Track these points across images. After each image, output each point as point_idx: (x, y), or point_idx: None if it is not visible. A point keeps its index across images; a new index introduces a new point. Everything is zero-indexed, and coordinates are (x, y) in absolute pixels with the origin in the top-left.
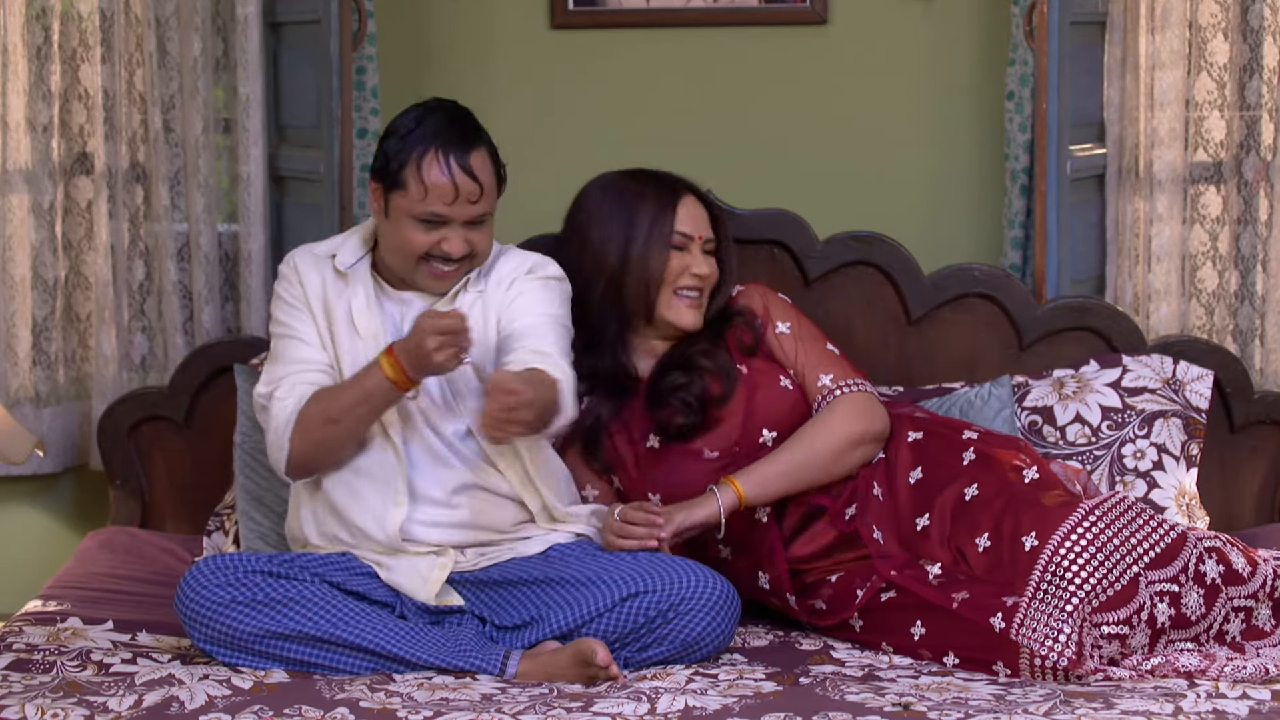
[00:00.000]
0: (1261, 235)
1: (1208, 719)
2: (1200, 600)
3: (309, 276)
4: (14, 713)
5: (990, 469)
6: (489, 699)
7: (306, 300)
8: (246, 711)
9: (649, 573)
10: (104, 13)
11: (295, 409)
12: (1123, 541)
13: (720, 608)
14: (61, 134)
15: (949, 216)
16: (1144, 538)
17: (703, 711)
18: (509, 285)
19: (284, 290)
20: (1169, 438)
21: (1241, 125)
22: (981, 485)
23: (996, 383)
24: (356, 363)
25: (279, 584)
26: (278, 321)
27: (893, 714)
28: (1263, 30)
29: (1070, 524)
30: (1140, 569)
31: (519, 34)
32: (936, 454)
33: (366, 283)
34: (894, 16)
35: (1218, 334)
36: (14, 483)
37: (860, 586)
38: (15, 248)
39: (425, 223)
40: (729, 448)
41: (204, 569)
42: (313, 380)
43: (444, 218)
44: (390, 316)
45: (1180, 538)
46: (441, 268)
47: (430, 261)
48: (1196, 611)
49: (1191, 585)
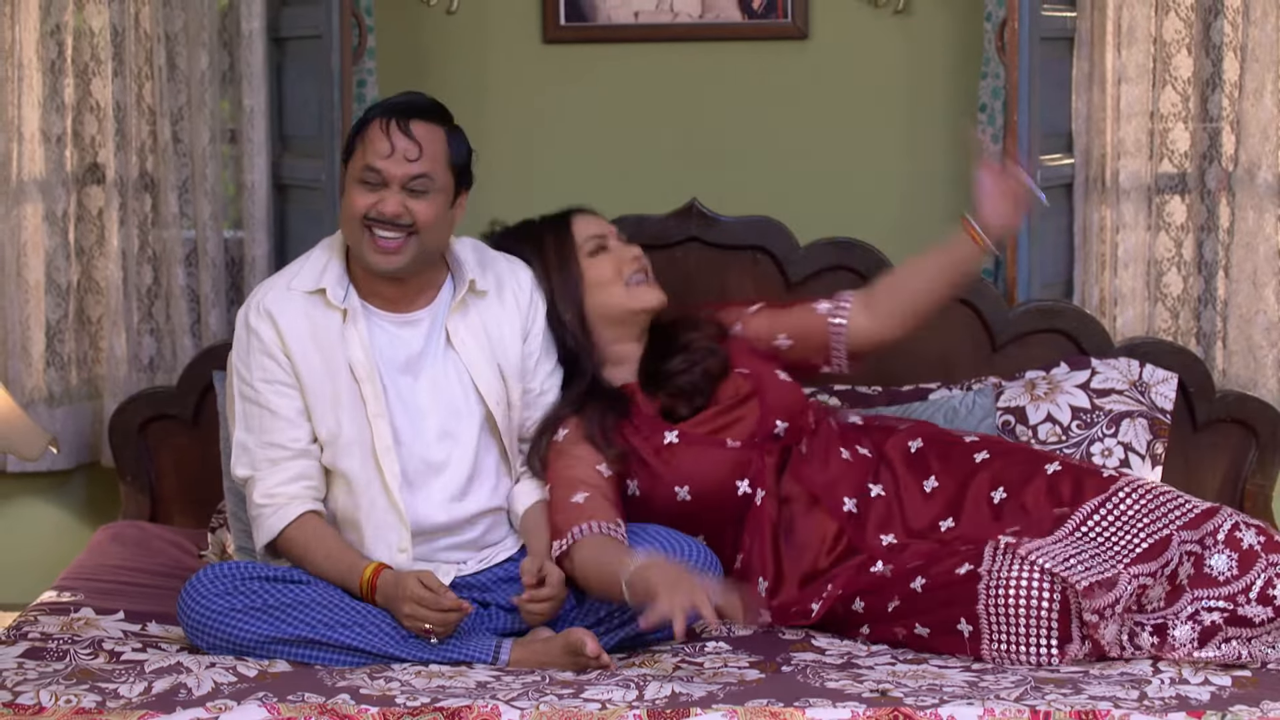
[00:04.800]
0: (1223, 242)
1: (1171, 704)
2: (1232, 563)
3: (291, 323)
4: (29, 699)
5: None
6: (484, 686)
7: (287, 355)
8: (251, 699)
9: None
10: (115, 28)
11: (279, 527)
12: (1157, 516)
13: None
14: (74, 145)
15: (924, 223)
16: (1182, 512)
17: (689, 698)
18: (529, 298)
19: (255, 347)
20: (1135, 437)
21: (1204, 137)
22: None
23: (979, 391)
24: (348, 401)
25: (278, 588)
26: (245, 382)
27: (870, 700)
28: (1223, 46)
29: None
30: (1173, 530)
31: (512, 48)
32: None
33: (361, 320)
34: (872, 32)
35: (1182, 336)
36: (29, 479)
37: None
38: (30, 254)
39: (365, 184)
40: (749, 438)
41: (204, 578)
42: (297, 475)
43: (381, 175)
44: (396, 344)
45: (1213, 508)
46: (382, 235)
47: (372, 230)
48: (1225, 573)
49: (1223, 548)
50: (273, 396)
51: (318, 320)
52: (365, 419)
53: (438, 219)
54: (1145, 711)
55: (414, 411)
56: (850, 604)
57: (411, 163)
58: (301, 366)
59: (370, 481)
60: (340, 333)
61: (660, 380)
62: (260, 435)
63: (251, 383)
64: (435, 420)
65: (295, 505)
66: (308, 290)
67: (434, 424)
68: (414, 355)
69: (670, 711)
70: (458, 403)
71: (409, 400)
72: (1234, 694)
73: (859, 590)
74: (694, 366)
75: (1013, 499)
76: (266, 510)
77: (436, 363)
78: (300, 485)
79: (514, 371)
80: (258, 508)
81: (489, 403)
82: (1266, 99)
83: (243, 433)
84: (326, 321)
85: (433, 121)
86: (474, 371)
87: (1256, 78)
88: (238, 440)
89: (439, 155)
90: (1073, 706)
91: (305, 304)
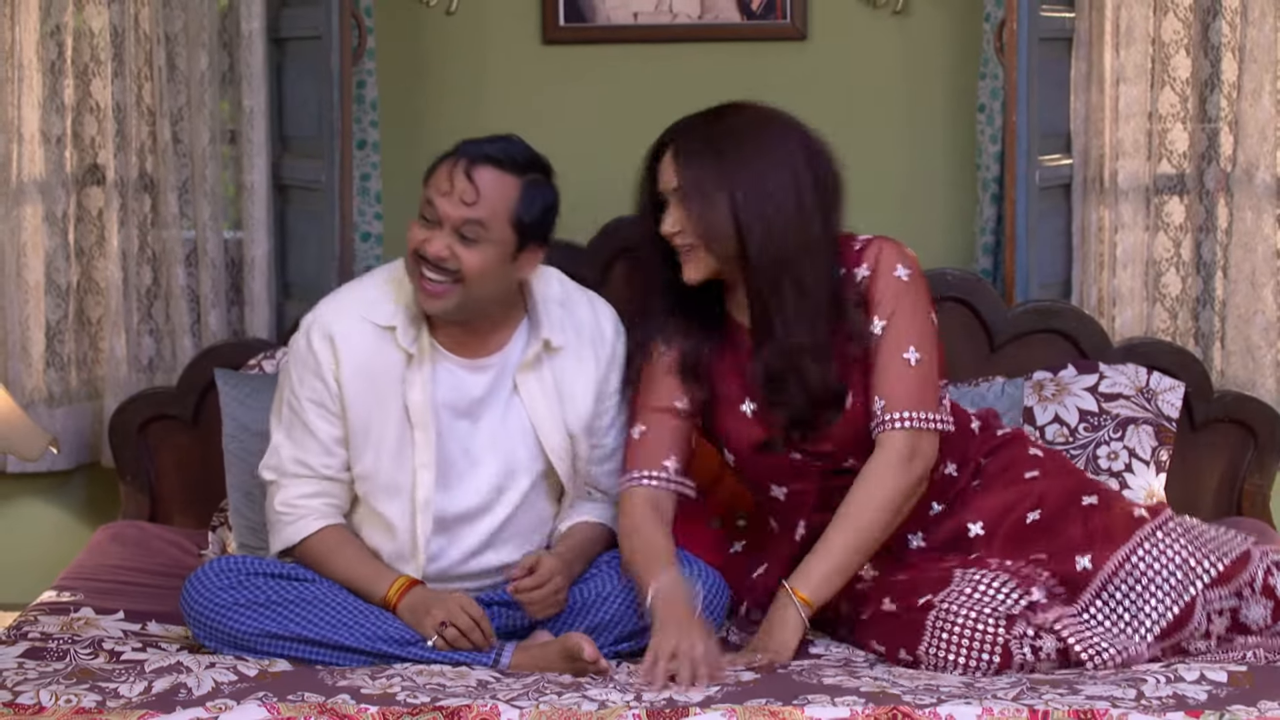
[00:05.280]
0: (1222, 243)
1: (1169, 703)
2: (1266, 612)
3: (352, 356)
4: (29, 698)
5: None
6: (484, 685)
7: (339, 386)
8: (251, 698)
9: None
10: (115, 29)
11: (295, 539)
12: (1181, 563)
13: (710, 601)
14: (74, 145)
15: (923, 223)
16: (1210, 563)
17: (688, 699)
18: (611, 351)
19: (309, 365)
20: (1140, 443)
21: (1203, 137)
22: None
23: (1011, 382)
24: (394, 444)
25: (282, 585)
26: (293, 393)
27: (870, 694)
28: (1222, 47)
29: (1129, 547)
30: (1199, 590)
31: (512, 49)
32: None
33: (427, 364)
34: (870, 33)
35: (1181, 337)
36: (29, 479)
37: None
38: (30, 254)
39: (423, 218)
40: (812, 462)
41: (208, 572)
42: (319, 492)
43: (436, 213)
44: (460, 388)
45: (1244, 555)
46: (428, 275)
47: (420, 266)
48: (1260, 622)
49: (1260, 597)
50: (314, 418)
51: (382, 357)
52: (411, 466)
53: (487, 271)
54: (1143, 711)
55: (467, 458)
56: (838, 605)
57: (466, 206)
58: (350, 401)
59: (405, 527)
60: (402, 373)
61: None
62: (294, 447)
63: (299, 396)
64: (490, 469)
65: (313, 520)
66: (380, 324)
67: (488, 472)
68: (475, 400)
69: (669, 711)
70: (516, 454)
71: (464, 445)
72: (1231, 693)
73: (844, 594)
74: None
75: (1044, 523)
76: (286, 517)
77: (498, 411)
78: (321, 501)
79: (582, 429)
80: (276, 514)
81: (553, 459)
82: (1265, 100)
83: (280, 435)
84: (391, 360)
85: (506, 171)
86: (540, 429)
87: (1255, 78)
88: (274, 441)
89: (500, 206)
90: (1070, 706)
91: (374, 337)
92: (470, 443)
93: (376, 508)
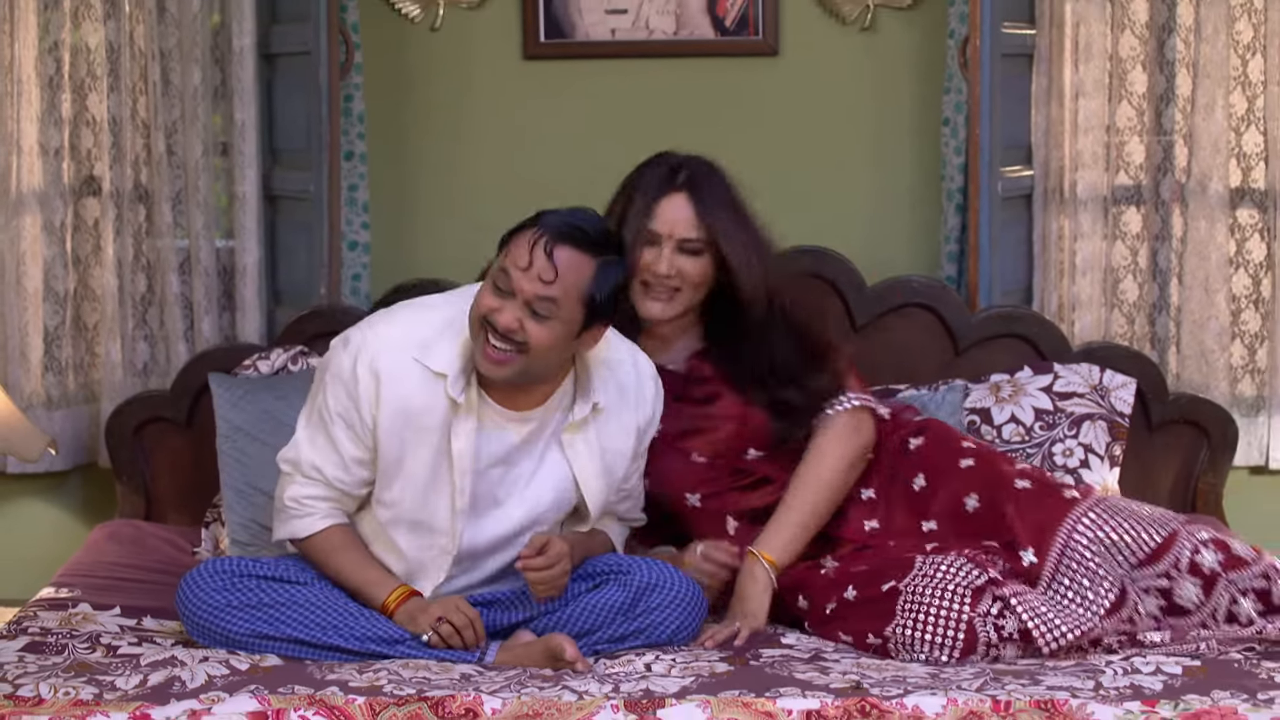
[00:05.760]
0: (1177, 251)
1: (1125, 693)
2: (1198, 589)
3: (394, 395)
4: (29, 691)
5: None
6: (467, 678)
7: (374, 420)
8: (243, 690)
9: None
10: (111, 45)
11: (301, 534)
12: (1111, 544)
13: (687, 604)
14: (71, 157)
15: (890, 232)
16: (1138, 545)
17: (664, 691)
18: (651, 410)
19: (348, 388)
20: (1095, 439)
21: (1158, 150)
22: (980, 494)
23: (950, 387)
24: (427, 482)
25: (273, 587)
26: (327, 408)
27: (839, 690)
28: (1176, 63)
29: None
30: (1126, 569)
31: (494, 64)
32: (939, 460)
33: (474, 417)
34: (839, 49)
35: (1138, 341)
36: (28, 479)
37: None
38: (28, 263)
39: (496, 286)
40: (714, 458)
41: (202, 573)
42: (329, 496)
43: (511, 284)
44: (498, 436)
45: (1171, 535)
46: (494, 344)
47: (486, 332)
48: (1194, 600)
49: (1188, 575)
50: (341, 435)
51: (427, 399)
52: (447, 506)
53: (552, 346)
54: (1101, 701)
55: (489, 500)
56: (796, 599)
57: (544, 284)
58: (384, 437)
59: (418, 558)
60: (447, 419)
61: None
62: (314, 453)
63: (330, 409)
64: (515, 513)
65: (321, 518)
66: (432, 370)
67: (512, 515)
68: (512, 448)
69: (646, 702)
70: (543, 501)
71: (492, 488)
72: (1185, 683)
73: (805, 587)
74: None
75: (984, 510)
76: (294, 511)
77: (532, 460)
78: (329, 505)
79: (619, 478)
80: (285, 505)
81: (591, 509)
82: (1217, 114)
83: (303, 436)
84: (435, 403)
85: (584, 251)
86: (585, 485)
87: (1208, 93)
88: (298, 436)
89: (575, 286)
90: (1032, 696)
91: (421, 380)
92: (498, 487)
93: (394, 535)
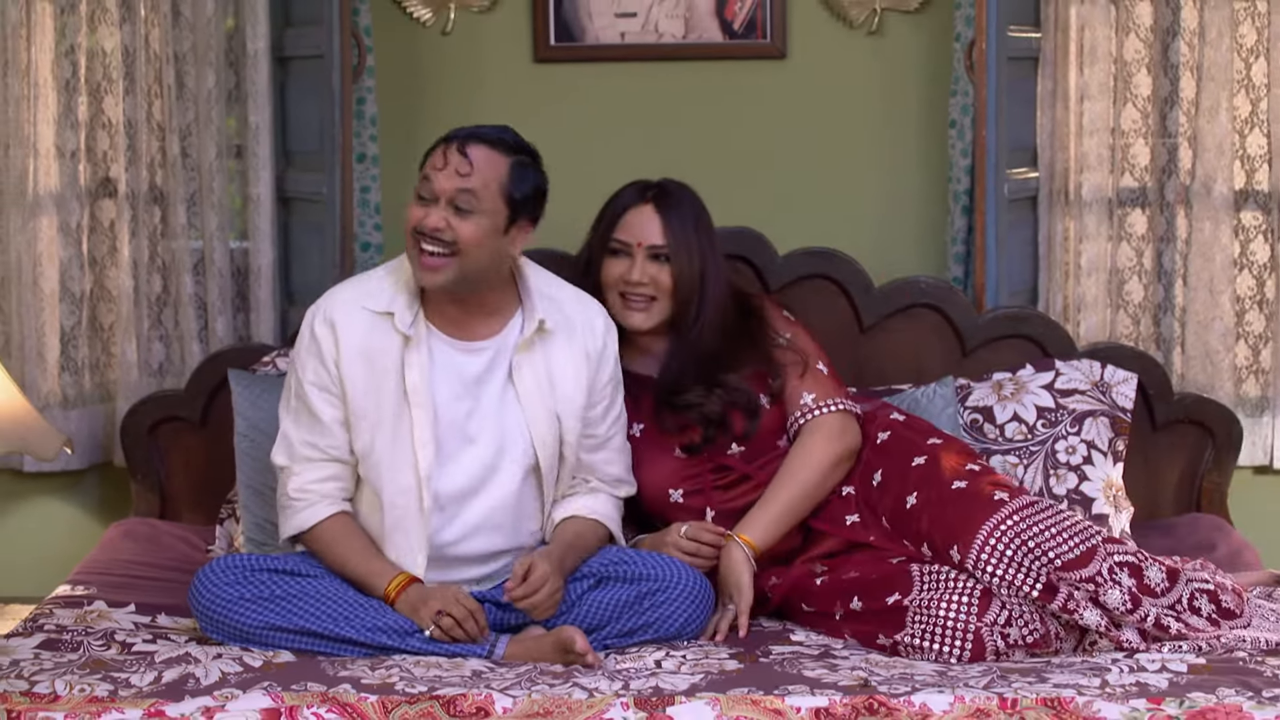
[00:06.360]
0: (1181, 252)
1: (1131, 690)
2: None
3: (350, 339)
4: (45, 687)
5: (932, 478)
6: (479, 675)
7: (338, 368)
8: (256, 687)
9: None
10: (126, 49)
11: (308, 523)
12: (1038, 544)
13: (695, 598)
14: (87, 160)
15: (897, 233)
16: (1061, 542)
17: (674, 688)
18: (601, 344)
19: (312, 351)
20: (1097, 435)
21: (1163, 152)
22: (920, 494)
23: (941, 383)
24: (391, 424)
25: (284, 580)
26: (300, 381)
27: (847, 687)
28: (1181, 66)
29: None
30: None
31: (505, 67)
32: (896, 457)
33: (424, 346)
34: (847, 52)
35: (1143, 342)
36: (45, 478)
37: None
38: (45, 264)
39: (419, 198)
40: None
41: (214, 568)
42: (331, 475)
43: (432, 189)
44: (455, 369)
45: (1092, 549)
46: (427, 249)
47: (419, 242)
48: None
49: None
50: (318, 401)
51: (379, 341)
52: (410, 444)
53: (481, 241)
54: (1107, 698)
55: (460, 438)
56: (799, 604)
57: (460, 178)
58: (349, 383)
59: (400, 504)
60: (400, 356)
61: (671, 401)
62: (302, 431)
63: (304, 383)
64: (481, 450)
65: (326, 505)
66: (377, 310)
67: (479, 453)
68: (470, 382)
69: (656, 699)
70: (510, 436)
71: (460, 425)
72: (1191, 681)
73: (806, 595)
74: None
75: (919, 509)
76: (298, 503)
77: (494, 393)
78: (333, 485)
79: (572, 414)
80: (289, 499)
81: (536, 445)
82: (1221, 116)
83: (289, 424)
84: (388, 343)
85: (496, 150)
86: (529, 414)
87: (1212, 96)
88: (283, 430)
89: (492, 180)
90: (1039, 694)
91: (371, 323)
92: (466, 423)
93: (376, 486)
